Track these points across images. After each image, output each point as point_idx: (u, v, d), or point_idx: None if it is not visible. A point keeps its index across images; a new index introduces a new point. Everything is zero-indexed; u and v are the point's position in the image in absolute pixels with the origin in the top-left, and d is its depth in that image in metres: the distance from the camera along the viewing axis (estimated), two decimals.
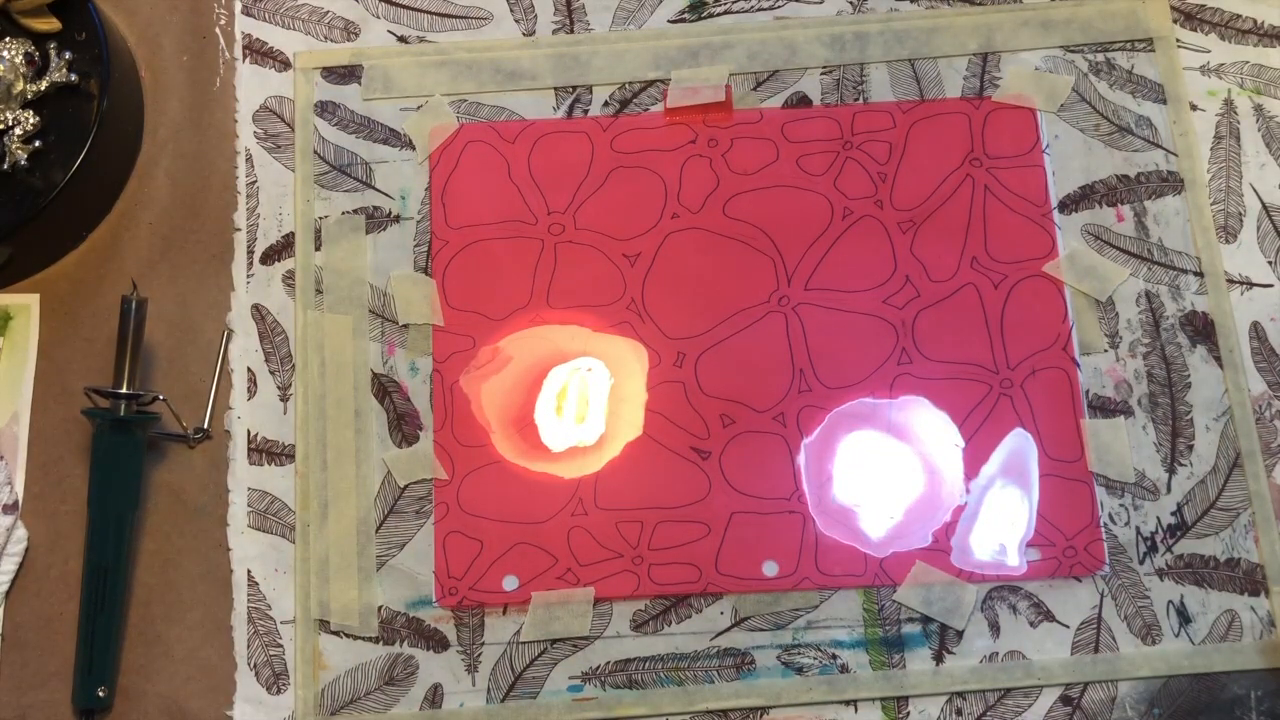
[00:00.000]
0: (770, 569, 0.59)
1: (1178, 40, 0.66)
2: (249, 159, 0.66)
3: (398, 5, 0.68)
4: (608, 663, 0.58)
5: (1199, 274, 0.63)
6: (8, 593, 0.60)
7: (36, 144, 0.62)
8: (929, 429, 0.61)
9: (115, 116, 0.64)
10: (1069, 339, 0.62)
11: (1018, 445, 0.61)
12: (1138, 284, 0.63)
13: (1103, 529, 0.59)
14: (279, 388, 0.63)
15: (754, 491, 0.60)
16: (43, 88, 0.63)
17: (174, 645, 0.59)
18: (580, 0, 0.68)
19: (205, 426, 0.62)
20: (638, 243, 0.64)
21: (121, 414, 0.59)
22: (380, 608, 0.60)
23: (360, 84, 0.67)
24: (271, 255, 0.65)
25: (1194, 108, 0.65)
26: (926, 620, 0.58)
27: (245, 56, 0.68)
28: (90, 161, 0.62)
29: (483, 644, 0.59)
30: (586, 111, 0.66)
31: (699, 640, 0.59)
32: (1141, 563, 0.59)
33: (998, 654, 0.58)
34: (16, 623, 0.60)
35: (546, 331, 0.63)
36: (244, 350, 0.63)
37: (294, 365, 0.63)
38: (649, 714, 0.58)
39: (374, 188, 0.65)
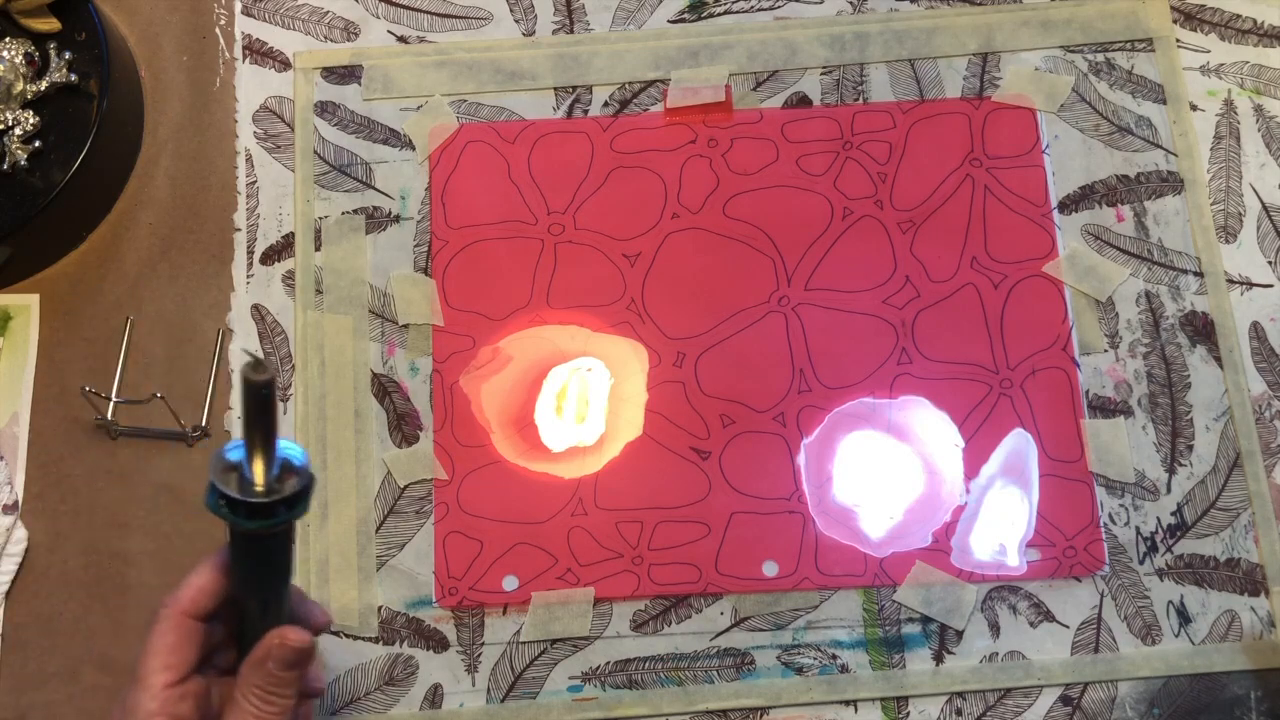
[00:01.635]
0: (770, 569, 0.59)
1: (1178, 40, 0.66)
2: (249, 159, 0.66)
3: (398, 5, 0.68)
4: (608, 663, 0.58)
5: (1199, 274, 0.63)
6: (8, 593, 0.60)
7: (36, 144, 0.62)
8: (929, 429, 0.61)
9: (115, 116, 0.64)
10: (1069, 339, 0.62)
11: (1018, 445, 0.61)
12: (1138, 284, 0.63)
13: (1103, 529, 0.59)
14: (279, 388, 0.63)
15: (754, 491, 0.60)
16: (43, 88, 0.63)
17: None
18: (580, 0, 0.68)
19: (204, 424, 0.62)
20: (638, 243, 0.64)
21: (268, 521, 0.43)
22: (380, 608, 0.60)
23: (360, 84, 0.67)
24: (271, 255, 0.65)
25: (1194, 108, 0.65)
26: (926, 620, 0.58)
27: (245, 56, 0.68)
28: (90, 161, 0.62)
29: (483, 644, 0.59)
30: (586, 111, 0.66)
31: (699, 640, 0.59)
32: (1141, 563, 0.59)
33: (998, 654, 0.58)
34: (16, 623, 0.60)
35: (546, 331, 0.63)
36: (244, 350, 0.63)
37: (294, 365, 0.63)
38: (649, 714, 0.58)
39: (374, 188, 0.65)
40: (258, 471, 0.41)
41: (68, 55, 0.63)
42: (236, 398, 0.62)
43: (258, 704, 0.44)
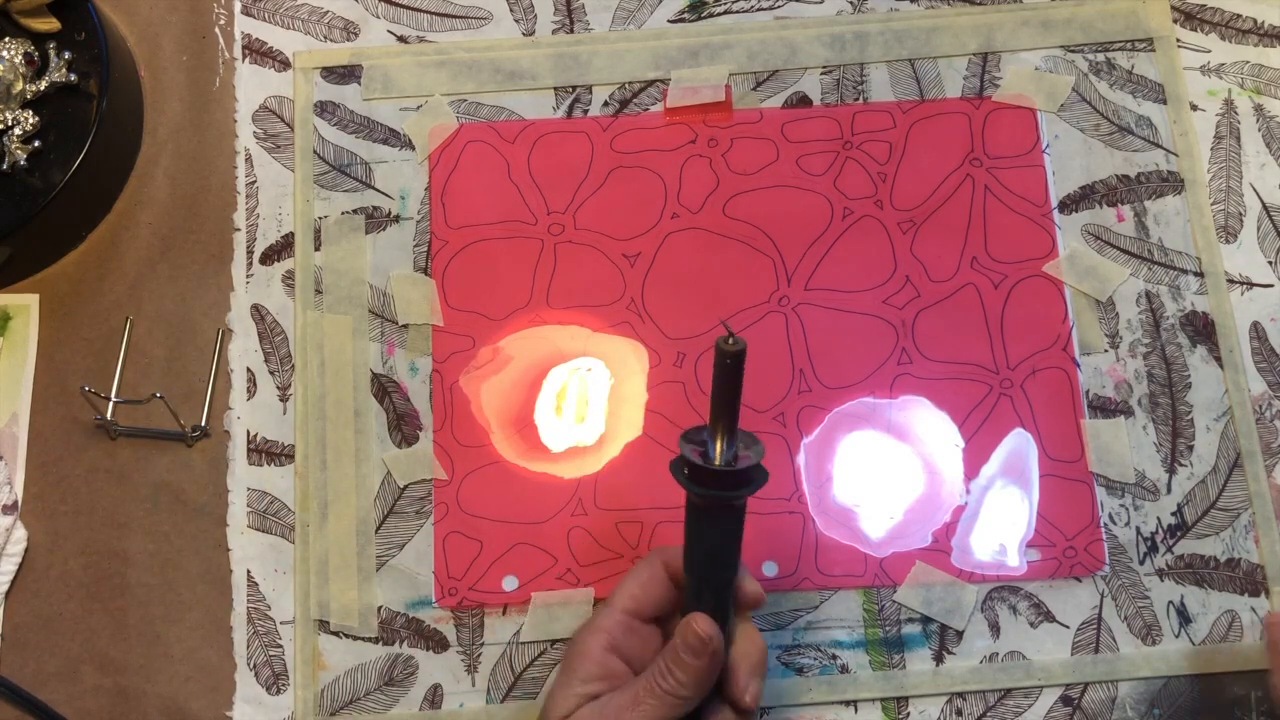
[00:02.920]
0: (770, 569, 0.59)
1: (1178, 40, 0.66)
2: (249, 159, 0.66)
3: (398, 5, 0.68)
4: None
5: (1199, 274, 0.63)
6: (8, 593, 0.60)
7: (36, 144, 0.62)
8: (929, 429, 0.61)
9: (115, 116, 0.64)
10: (1069, 339, 0.62)
11: (1018, 445, 0.61)
12: (1138, 284, 0.63)
13: (1103, 529, 0.59)
14: (279, 388, 0.63)
15: None
16: (42, 88, 0.62)
17: (174, 645, 0.59)
18: (580, 0, 0.68)
19: (203, 424, 0.62)
20: (638, 243, 0.64)
21: (731, 490, 0.46)
22: (380, 608, 0.59)
23: (360, 84, 0.67)
24: (271, 255, 0.65)
25: (1194, 108, 0.65)
26: (926, 620, 0.58)
27: (245, 56, 0.68)
28: (90, 161, 0.62)
29: (482, 644, 0.59)
30: (586, 111, 0.66)
31: None
32: (1142, 563, 0.59)
33: (998, 654, 0.58)
34: (16, 623, 0.60)
35: (546, 331, 0.63)
36: (244, 350, 0.63)
37: (294, 365, 0.63)
38: None
39: (374, 188, 0.65)
40: (718, 446, 0.45)
41: (67, 55, 0.63)
42: (235, 397, 0.62)
43: (657, 676, 0.47)
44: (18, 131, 0.62)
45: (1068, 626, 0.58)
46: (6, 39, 0.63)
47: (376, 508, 0.61)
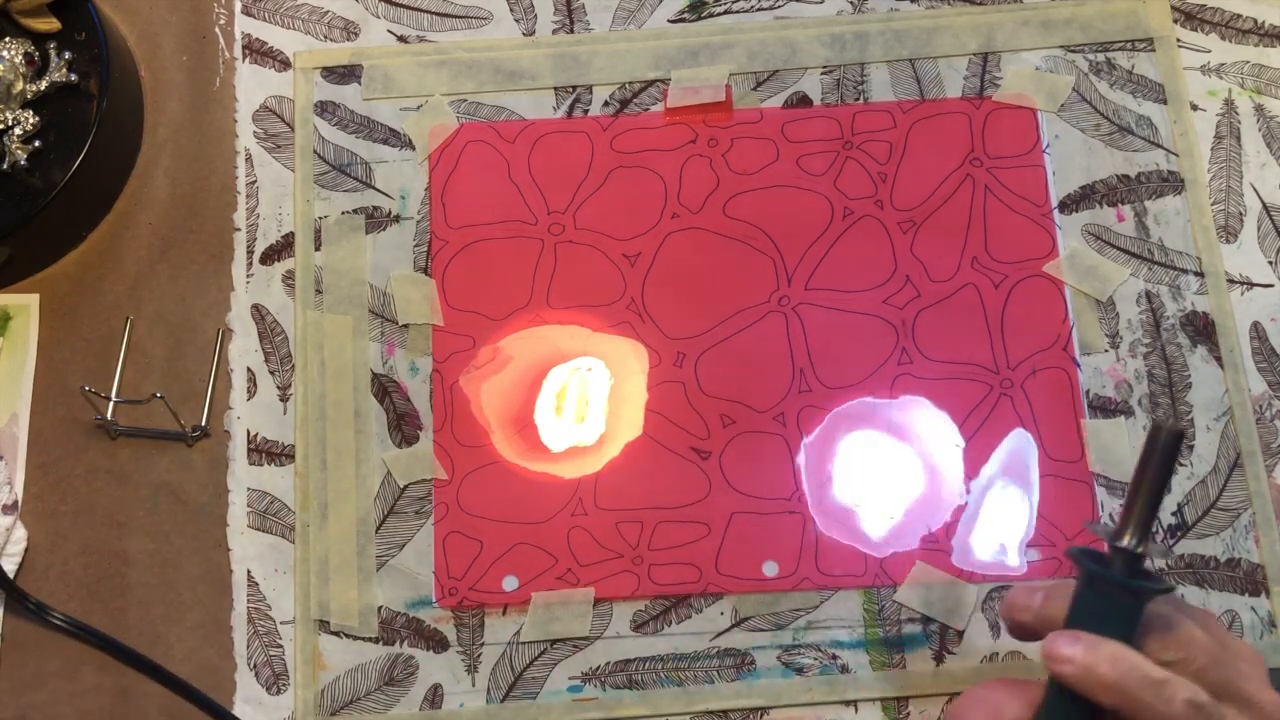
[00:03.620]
0: (770, 569, 0.59)
1: (1178, 40, 0.66)
2: (249, 159, 0.66)
3: (398, 5, 0.68)
4: (608, 663, 0.58)
5: (1199, 274, 0.63)
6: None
7: (36, 144, 0.62)
8: (929, 429, 0.61)
9: (115, 116, 0.64)
10: (1069, 339, 0.62)
11: (1018, 445, 0.61)
12: (1138, 284, 0.63)
13: None
14: (279, 388, 0.63)
15: (754, 491, 0.60)
16: (43, 88, 0.62)
17: (174, 645, 0.59)
18: (580, 0, 0.68)
19: (203, 424, 0.62)
20: (638, 243, 0.64)
21: (1121, 575, 0.43)
22: (380, 608, 0.59)
23: (360, 84, 0.67)
24: (271, 255, 0.65)
25: (1194, 108, 0.65)
26: (927, 620, 0.58)
27: (245, 56, 0.68)
28: (90, 161, 0.62)
29: (483, 644, 0.59)
30: (586, 111, 0.66)
31: (699, 640, 0.59)
32: None
33: (998, 654, 0.58)
34: (16, 623, 0.59)
35: (546, 331, 0.63)
36: (244, 350, 0.63)
37: (294, 365, 0.63)
38: (649, 714, 0.58)
39: (374, 188, 0.65)
40: (1128, 532, 0.42)
41: (68, 55, 0.63)
42: (235, 397, 0.62)
43: None
44: (18, 131, 0.62)
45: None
46: (6, 39, 0.63)
47: (376, 508, 0.61)
